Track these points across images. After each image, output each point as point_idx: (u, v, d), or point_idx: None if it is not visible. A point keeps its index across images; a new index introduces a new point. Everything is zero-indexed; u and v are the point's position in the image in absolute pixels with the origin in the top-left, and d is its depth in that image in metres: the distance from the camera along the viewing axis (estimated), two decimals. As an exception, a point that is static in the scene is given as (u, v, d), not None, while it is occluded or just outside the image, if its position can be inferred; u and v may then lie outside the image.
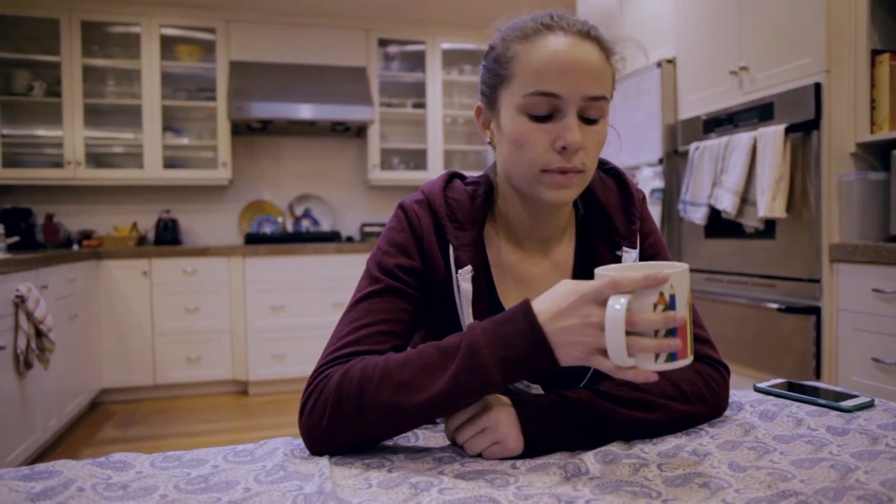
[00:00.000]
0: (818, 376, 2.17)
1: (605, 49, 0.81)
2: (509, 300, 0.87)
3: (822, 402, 0.89)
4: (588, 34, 0.80)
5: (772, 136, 2.25)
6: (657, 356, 0.66)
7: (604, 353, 0.66)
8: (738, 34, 2.53)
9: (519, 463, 0.71)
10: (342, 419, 0.73)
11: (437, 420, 0.81)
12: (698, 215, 2.64)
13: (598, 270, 0.70)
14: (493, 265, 0.89)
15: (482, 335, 0.70)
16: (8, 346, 2.43)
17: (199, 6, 4.14)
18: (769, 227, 2.37)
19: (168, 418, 3.49)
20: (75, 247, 3.96)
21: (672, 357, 0.66)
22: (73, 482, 0.66)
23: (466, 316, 0.82)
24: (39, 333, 2.62)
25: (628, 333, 0.64)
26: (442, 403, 0.71)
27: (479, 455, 0.73)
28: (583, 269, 0.90)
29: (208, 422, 3.42)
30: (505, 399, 0.75)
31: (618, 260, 0.87)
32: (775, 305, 2.30)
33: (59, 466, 0.71)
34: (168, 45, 4.17)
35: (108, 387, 3.75)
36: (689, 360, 0.67)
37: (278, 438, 0.80)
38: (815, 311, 2.17)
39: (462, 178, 0.92)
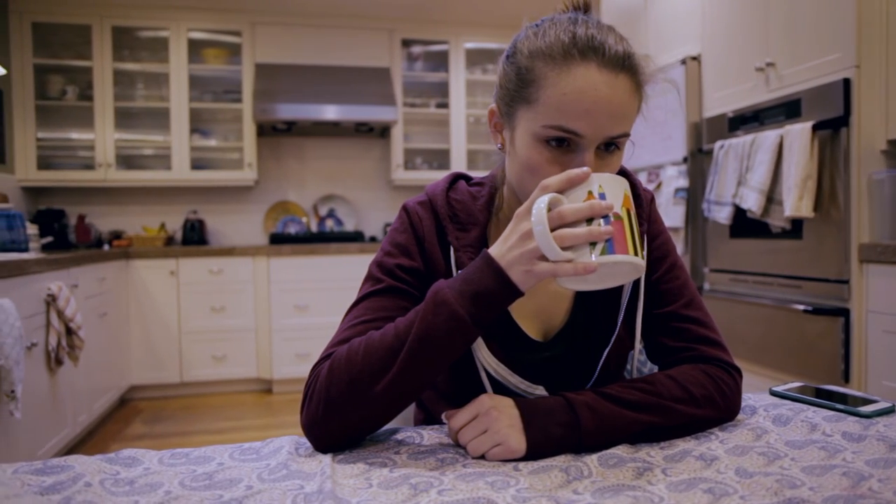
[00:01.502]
0: (847, 380, 2.12)
1: (639, 79, 0.75)
2: (512, 301, 0.86)
3: (840, 406, 0.87)
4: (623, 64, 0.73)
5: (798, 134, 2.20)
6: (593, 249, 0.67)
7: (546, 258, 0.68)
8: (765, 30, 2.48)
9: (521, 465, 0.70)
10: (337, 401, 0.74)
11: (444, 420, 0.80)
12: (723, 215, 2.59)
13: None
14: None
15: (445, 281, 0.74)
16: (40, 344, 2.50)
17: (225, 10, 4.21)
18: (796, 227, 2.32)
19: (194, 415, 3.55)
20: (106, 247, 4.06)
21: (609, 249, 0.67)
22: (81, 477, 0.68)
23: None
24: (70, 331, 2.69)
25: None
26: (419, 349, 0.71)
27: (483, 457, 0.73)
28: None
29: (233, 419, 3.47)
30: (508, 400, 0.75)
31: None
32: (802, 307, 2.24)
33: (70, 461, 0.72)
34: (195, 49, 4.25)
35: (136, 384, 3.84)
36: (632, 258, 0.68)
37: (284, 437, 0.81)
38: (844, 313, 2.12)
39: (468, 178, 0.92)
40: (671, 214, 2.94)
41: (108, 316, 3.37)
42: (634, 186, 0.90)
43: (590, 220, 0.67)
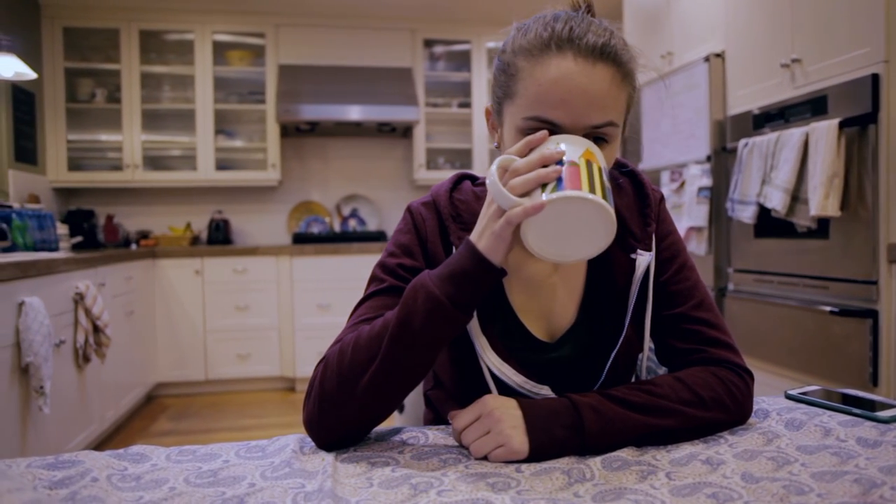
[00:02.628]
0: (875, 384, 2.06)
1: (622, 68, 0.74)
2: (517, 301, 0.86)
3: (857, 411, 0.84)
4: (602, 53, 0.72)
5: (825, 131, 2.15)
6: (544, 190, 0.67)
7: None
8: (790, 25, 2.43)
9: (524, 467, 0.70)
10: (330, 397, 0.74)
11: (449, 420, 0.80)
12: (747, 214, 2.54)
13: None
14: None
15: (427, 271, 0.75)
16: (68, 341, 2.56)
17: (249, 12, 4.26)
18: (822, 226, 2.26)
19: (219, 413, 3.60)
20: (133, 246, 4.14)
21: (559, 186, 0.67)
22: (89, 472, 0.69)
23: (473, 316, 0.82)
24: (97, 329, 2.75)
25: None
26: (400, 335, 0.72)
27: (486, 458, 0.73)
28: (595, 272, 0.88)
29: (256, 417, 3.52)
30: (511, 401, 0.74)
31: (632, 264, 0.84)
32: (829, 308, 2.19)
33: (81, 457, 0.74)
34: (220, 51, 4.31)
35: (162, 381, 3.91)
36: (585, 193, 0.67)
37: (290, 435, 0.82)
38: (872, 315, 2.06)
39: (473, 178, 0.91)
40: (694, 214, 2.90)
41: (134, 314, 3.44)
42: (642, 185, 0.89)
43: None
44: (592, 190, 0.67)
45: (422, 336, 0.71)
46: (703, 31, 3.02)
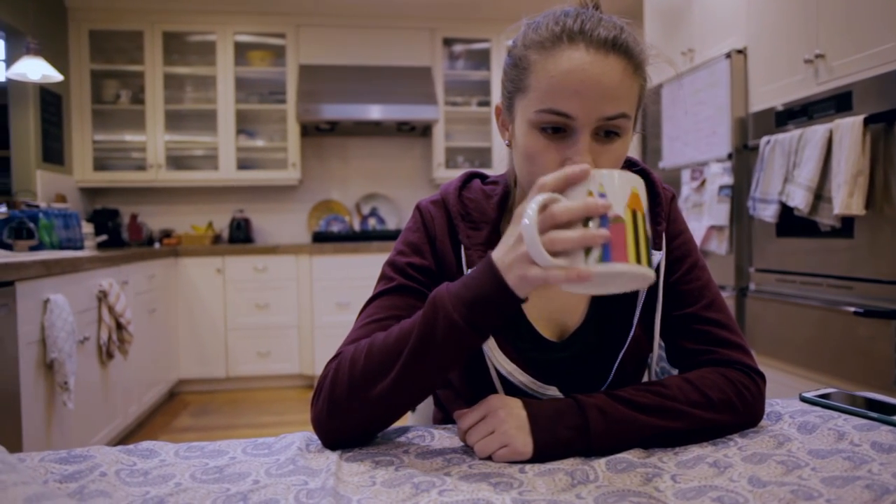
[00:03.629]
0: (901, 386, 2.01)
1: (634, 60, 0.74)
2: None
3: (873, 414, 0.82)
4: (614, 45, 0.72)
5: (849, 128, 2.10)
6: (588, 255, 0.61)
7: None
8: (814, 20, 2.38)
9: (528, 467, 0.70)
10: (340, 402, 0.74)
11: (455, 419, 0.80)
12: (768, 213, 2.50)
13: None
14: None
15: (447, 285, 0.71)
16: (92, 338, 2.61)
17: (270, 13, 4.30)
18: (846, 225, 2.21)
19: (239, 409, 3.64)
20: (156, 245, 4.20)
21: (605, 257, 0.60)
22: (98, 467, 0.70)
23: None
24: (120, 326, 2.80)
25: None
26: (417, 355, 0.70)
27: (490, 458, 0.72)
28: (605, 271, 0.87)
29: (276, 414, 3.55)
30: (516, 401, 0.74)
31: None
32: (853, 309, 2.14)
33: (92, 451, 0.75)
34: (241, 52, 4.36)
35: (184, 378, 3.97)
36: (631, 266, 0.61)
37: (297, 433, 0.82)
38: (898, 316, 2.01)
39: (483, 177, 0.91)
40: (715, 213, 2.86)
41: (157, 312, 3.49)
42: (653, 184, 0.88)
43: (587, 222, 0.62)
44: (638, 255, 0.62)
45: (439, 358, 0.71)
46: (724, 27, 2.97)
